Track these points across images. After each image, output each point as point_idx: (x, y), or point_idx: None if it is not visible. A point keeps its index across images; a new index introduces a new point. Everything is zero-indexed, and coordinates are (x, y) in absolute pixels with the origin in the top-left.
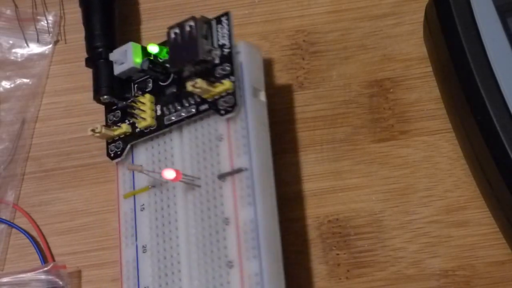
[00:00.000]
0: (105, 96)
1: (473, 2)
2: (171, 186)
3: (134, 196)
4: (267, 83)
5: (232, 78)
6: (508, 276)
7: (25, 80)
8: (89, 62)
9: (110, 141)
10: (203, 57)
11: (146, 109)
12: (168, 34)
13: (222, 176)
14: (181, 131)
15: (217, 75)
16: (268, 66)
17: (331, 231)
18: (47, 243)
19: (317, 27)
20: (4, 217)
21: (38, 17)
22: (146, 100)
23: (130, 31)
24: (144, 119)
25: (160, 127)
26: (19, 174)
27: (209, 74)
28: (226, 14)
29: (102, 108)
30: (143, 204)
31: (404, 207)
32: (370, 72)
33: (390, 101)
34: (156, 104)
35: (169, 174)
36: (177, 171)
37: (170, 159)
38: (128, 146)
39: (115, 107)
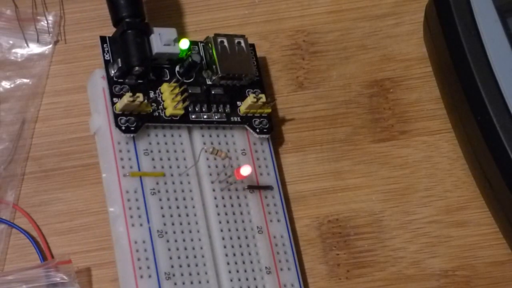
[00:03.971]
0: (138, 68)
1: (473, 2)
2: (185, 179)
3: (141, 177)
4: (268, 83)
5: (270, 104)
6: (508, 276)
7: (25, 80)
8: (118, 33)
9: (120, 112)
10: (254, 74)
11: (179, 98)
12: (215, 40)
13: (251, 188)
14: (192, 131)
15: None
16: (268, 66)
17: (331, 231)
18: (47, 243)
19: (317, 27)
20: (4, 217)
21: (38, 17)
22: (178, 89)
23: None
24: (175, 107)
25: (184, 121)
26: (19, 174)
27: (233, 91)
28: (252, 45)
29: None
30: (154, 189)
31: (404, 207)
32: (370, 72)
33: (390, 101)
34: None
35: (246, 170)
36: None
37: (181, 154)
38: (143, 125)
39: (122, 80)
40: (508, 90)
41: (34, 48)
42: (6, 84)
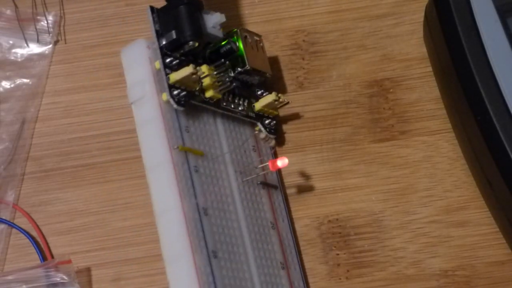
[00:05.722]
0: (191, 43)
1: (473, 2)
2: (217, 163)
3: (186, 152)
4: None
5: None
6: (508, 276)
7: (25, 80)
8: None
9: (173, 84)
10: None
11: (216, 82)
12: (241, 33)
13: (264, 184)
14: (215, 117)
15: (258, 95)
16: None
17: (331, 231)
18: (47, 243)
19: (317, 27)
20: (4, 217)
21: (38, 17)
22: (213, 75)
23: (133, 31)
24: (219, 90)
25: (216, 106)
26: (19, 174)
27: (246, 87)
28: None
29: (101, 108)
30: (196, 166)
31: (404, 207)
32: (370, 72)
33: (390, 101)
34: None
35: (283, 162)
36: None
37: (211, 138)
38: (189, 101)
39: (170, 53)
40: (508, 90)
41: (34, 48)
42: (6, 84)
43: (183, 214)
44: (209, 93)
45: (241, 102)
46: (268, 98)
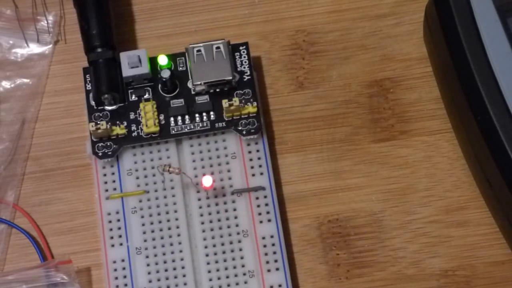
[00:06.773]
0: (106, 95)
1: (473, 2)
2: (169, 193)
3: (122, 198)
4: (268, 83)
5: (255, 103)
6: (508, 276)
7: (25, 80)
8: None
9: (97, 139)
10: (232, 79)
11: (150, 116)
12: (190, 50)
13: (238, 192)
14: (180, 142)
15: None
16: (268, 66)
17: (331, 231)
18: (47, 243)
19: (317, 27)
20: (4, 217)
21: (38, 17)
22: (150, 107)
23: (129, 31)
24: (147, 125)
25: (164, 136)
26: (19, 174)
27: (223, 95)
28: (245, 44)
29: None
30: (135, 207)
31: (404, 207)
32: (370, 72)
33: (390, 101)
34: (159, 112)
35: (207, 181)
36: (213, 180)
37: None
38: (121, 148)
39: (101, 107)
40: (508, 90)
41: (34, 48)
42: (6, 84)
43: (106, 263)
44: (145, 130)
45: (204, 118)
46: (225, 105)
